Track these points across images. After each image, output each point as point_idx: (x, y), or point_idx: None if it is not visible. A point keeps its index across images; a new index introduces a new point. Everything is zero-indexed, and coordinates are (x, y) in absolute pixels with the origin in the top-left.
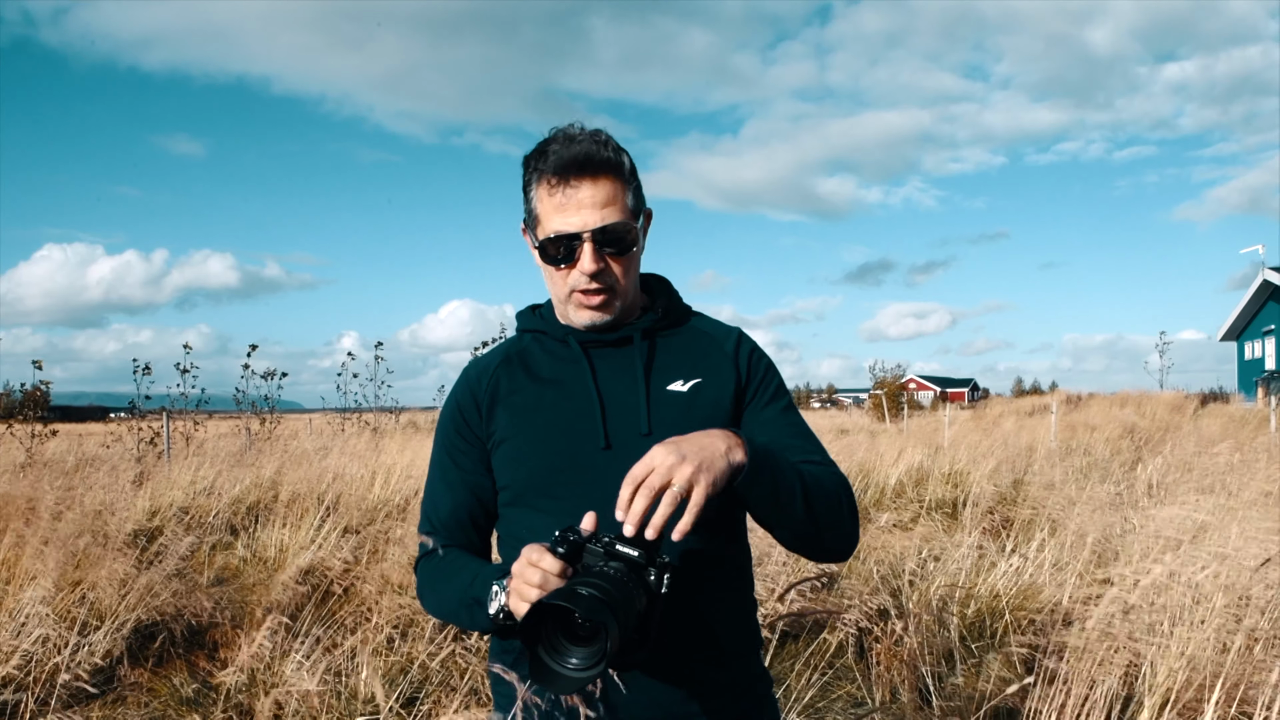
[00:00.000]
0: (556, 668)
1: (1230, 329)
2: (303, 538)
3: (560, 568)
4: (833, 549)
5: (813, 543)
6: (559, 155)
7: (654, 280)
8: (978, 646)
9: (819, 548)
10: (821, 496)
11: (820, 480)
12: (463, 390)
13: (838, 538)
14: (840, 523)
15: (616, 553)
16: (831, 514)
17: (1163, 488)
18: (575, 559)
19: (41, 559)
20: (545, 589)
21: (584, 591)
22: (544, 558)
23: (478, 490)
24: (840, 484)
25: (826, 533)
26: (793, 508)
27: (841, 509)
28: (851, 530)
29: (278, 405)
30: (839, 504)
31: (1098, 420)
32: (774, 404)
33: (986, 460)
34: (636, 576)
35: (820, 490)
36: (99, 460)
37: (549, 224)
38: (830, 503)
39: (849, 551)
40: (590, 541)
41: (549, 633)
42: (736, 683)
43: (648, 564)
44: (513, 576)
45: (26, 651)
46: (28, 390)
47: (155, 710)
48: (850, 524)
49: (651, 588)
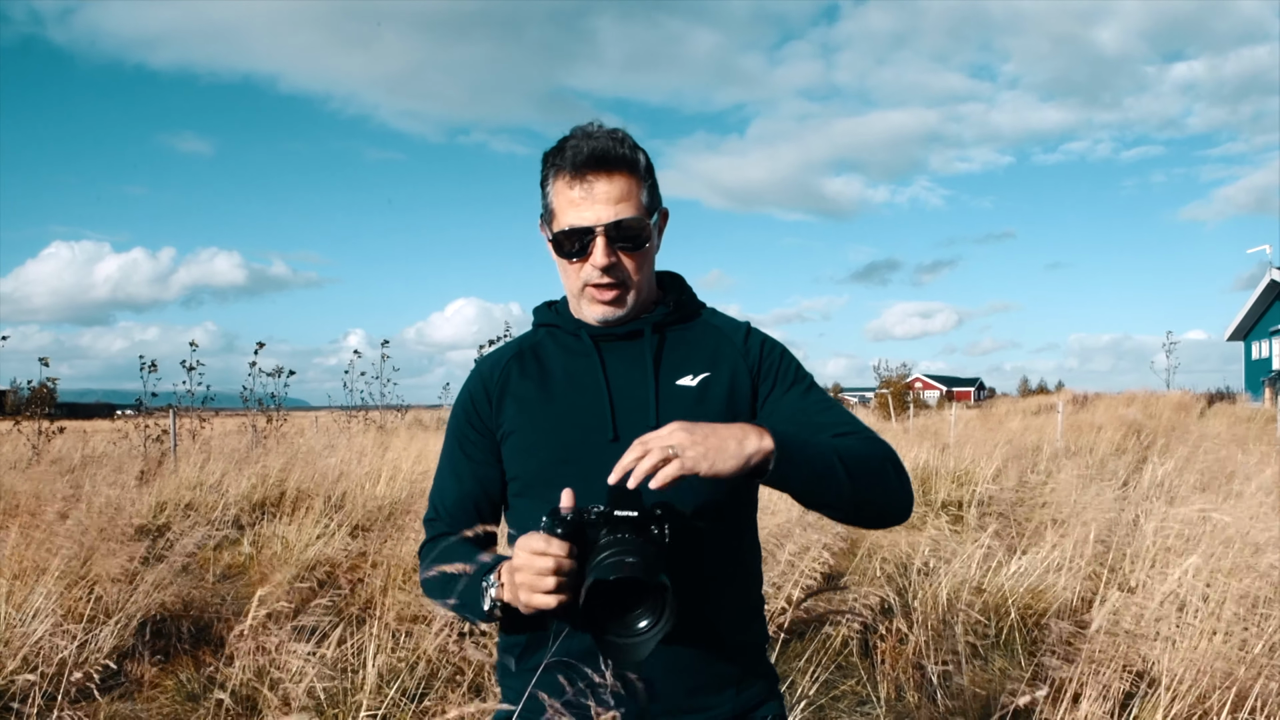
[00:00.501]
0: (627, 640)
1: (1237, 329)
2: (309, 534)
3: (568, 549)
4: (883, 515)
5: (865, 514)
6: (576, 151)
7: (667, 277)
8: (984, 646)
9: (873, 517)
10: (863, 468)
11: (858, 452)
12: (475, 382)
13: (890, 504)
14: (889, 490)
15: (616, 519)
16: (879, 483)
17: (1169, 487)
18: (578, 537)
19: (49, 555)
20: (560, 573)
21: (630, 559)
22: (550, 543)
23: (485, 481)
24: (881, 450)
25: (878, 502)
26: (836, 487)
27: (888, 475)
28: (904, 494)
29: (284, 403)
30: (884, 471)
31: (1104, 420)
32: (795, 387)
33: (993, 459)
34: (644, 534)
35: (861, 463)
36: (105, 457)
37: (564, 218)
38: (874, 472)
39: (905, 514)
40: (585, 516)
41: (603, 614)
42: (742, 678)
43: (647, 521)
44: (515, 570)
45: (34, 647)
46: (34, 387)
47: (162, 705)
48: (901, 489)
49: (656, 540)
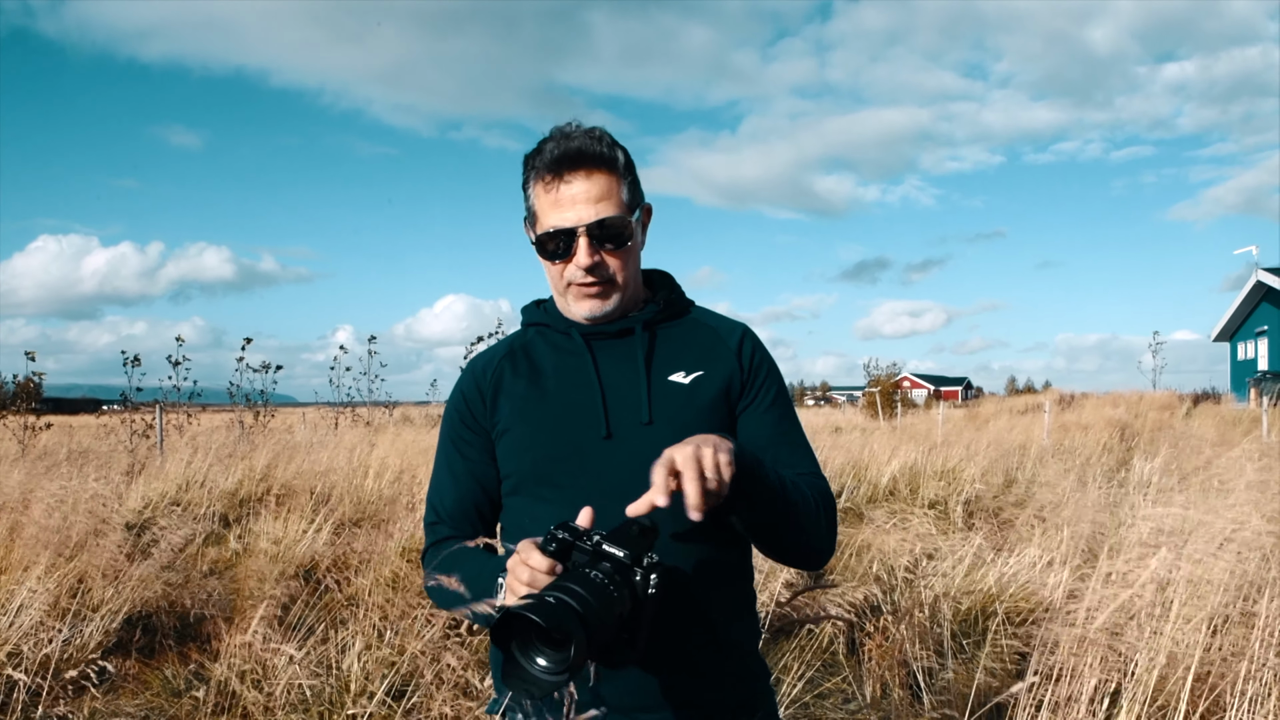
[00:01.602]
0: (527, 667)
1: (1223, 330)
2: (295, 530)
3: (548, 565)
4: (805, 557)
5: (786, 551)
6: (554, 152)
7: (656, 275)
8: (969, 643)
9: (791, 555)
10: (801, 507)
11: (802, 491)
12: (468, 382)
13: (811, 549)
14: (816, 535)
15: (603, 553)
16: (808, 525)
17: (1153, 485)
18: (564, 557)
19: (34, 550)
20: (534, 586)
21: (551, 600)
22: (532, 555)
23: (483, 480)
24: (822, 497)
25: (800, 542)
26: (771, 515)
27: (819, 522)
28: (826, 543)
29: (271, 399)
30: (817, 517)
31: (1090, 419)
32: (772, 410)
33: (979, 459)
34: (622, 578)
35: (801, 501)
36: (92, 452)
37: (545, 220)
38: (809, 515)
39: (820, 563)
40: (580, 540)
41: (522, 635)
42: (735, 674)
43: (633, 564)
44: (507, 572)
45: (19, 642)
46: (20, 382)
47: (147, 701)
48: (826, 537)
49: (638, 589)
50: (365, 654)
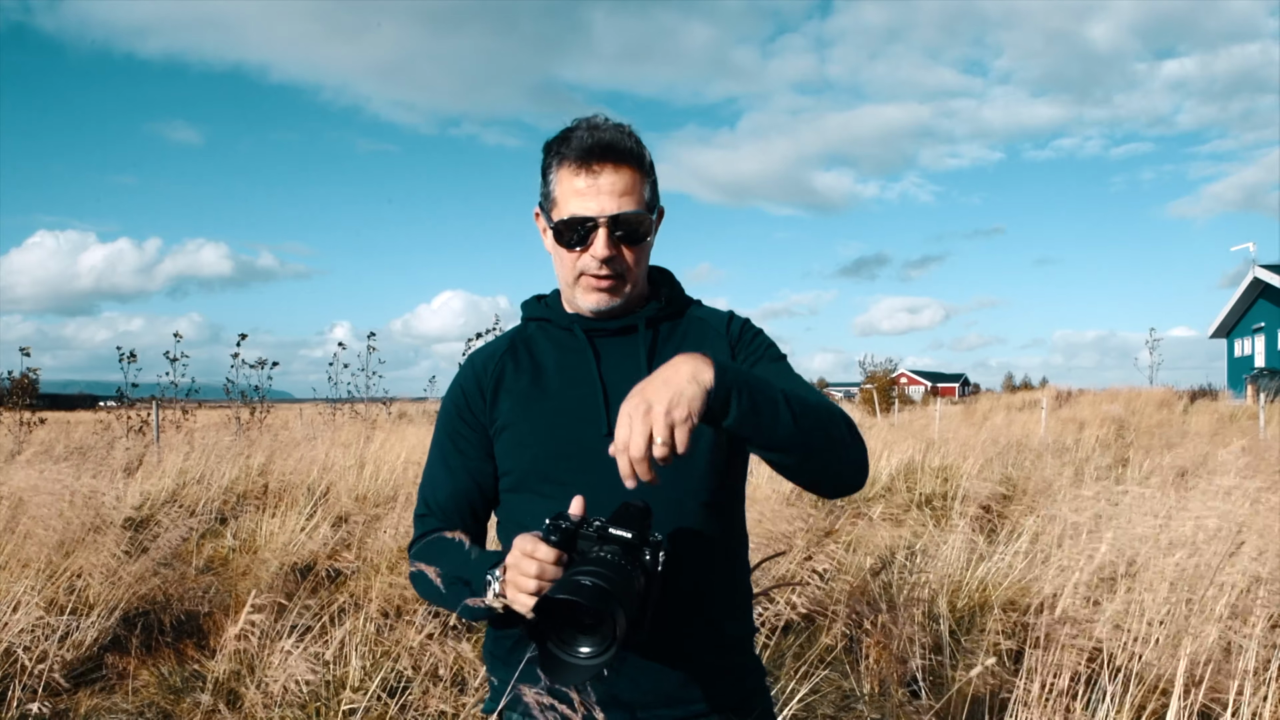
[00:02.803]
0: (568, 659)
1: (1220, 326)
2: (292, 526)
3: (555, 556)
4: (843, 471)
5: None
6: (583, 141)
7: (656, 272)
8: (966, 639)
9: (827, 472)
10: (811, 416)
11: (807, 402)
12: (467, 376)
13: (842, 457)
14: (838, 440)
15: (610, 536)
16: (827, 434)
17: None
18: (569, 546)
19: (29, 546)
20: (543, 579)
21: (587, 582)
22: (538, 548)
23: (478, 476)
24: (833, 410)
25: (826, 452)
26: (778, 424)
27: (839, 429)
28: (855, 450)
29: (268, 395)
30: (834, 423)
31: (1087, 416)
32: (764, 360)
33: (976, 455)
34: (632, 557)
35: (809, 410)
36: (88, 448)
37: (566, 206)
38: (823, 422)
39: (859, 473)
40: (582, 527)
41: (556, 625)
42: (732, 669)
43: (641, 544)
44: (508, 568)
45: (14, 639)
46: (16, 378)
47: (144, 698)
48: (852, 444)
49: (647, 566)
50: (363, 649)
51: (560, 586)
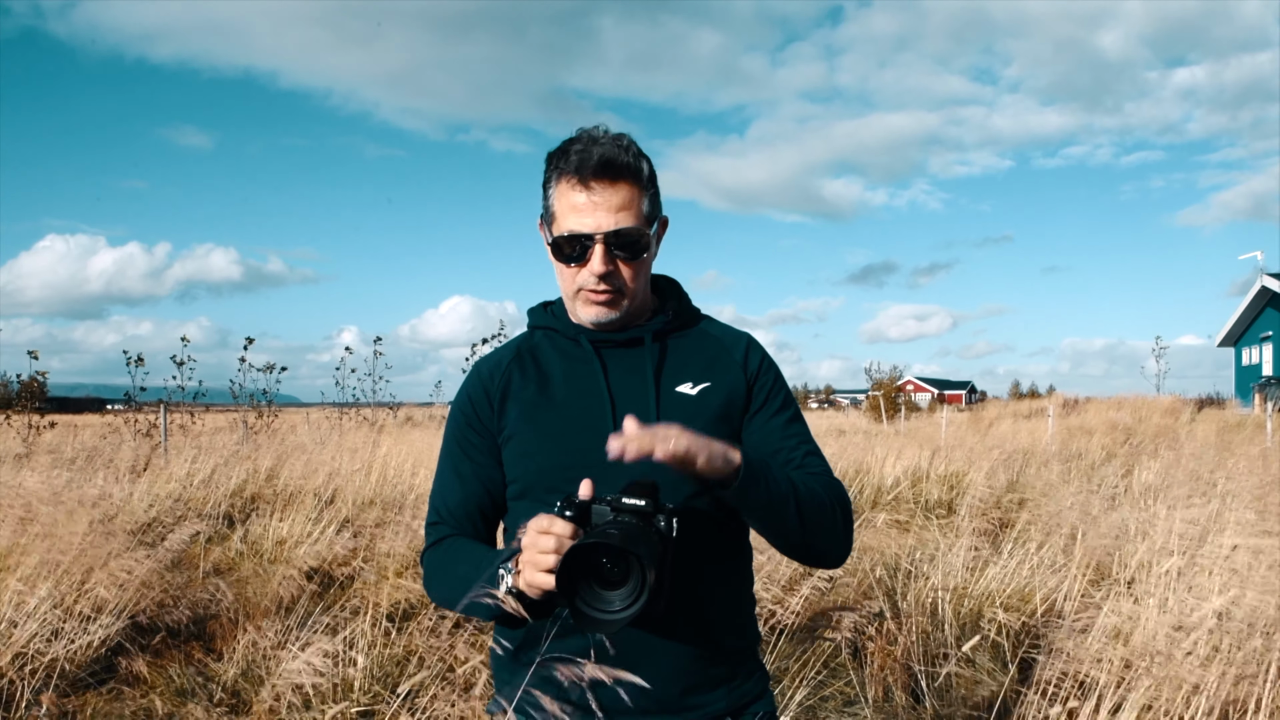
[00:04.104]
0: (600, 614)
1: (1228, 335)
2: (299, 530)
3: (572, 530)
4: (824, 556)
5: (804, 550)
6: (580, 156)
7: (664, 281)
8: (972, 647)
9: (810, 554)
10: (815, 506)
11: (814, 491)
12: (475, 384)
13: (829, 546)
14: (833, 532)
15: (623, 506)
16: (824, 523)
17: (1156, 490)
18: (584, 520)
19: (38, 549)
20: (561, 553)
21: (612, 531)
22: (555, 523)
23: (488, 483)
24: (836, 494)
25: (818, 541)
26: (785, 516)
27: (835, 519)
28: (844, 540)
29: (275, 399)
30: (833, 514)
31: (1094, 424)
32: (780, 414)
33: (983, 462)
34: (647, 523)
35: (814, 500)
36: (96, 451)
37: (564, 222)
38: (824, 513)
39: (841, 559)
40: (595, 502)
41: (583, 585)
42: (735, 675)
43: (655, 511)
44: (523, 550)
45: (24, 642)
46: (24, 381)
47: (152, 701)
48: (843, 534)
49: (663, 532)
50: (372, 652)
51: (586, 538)
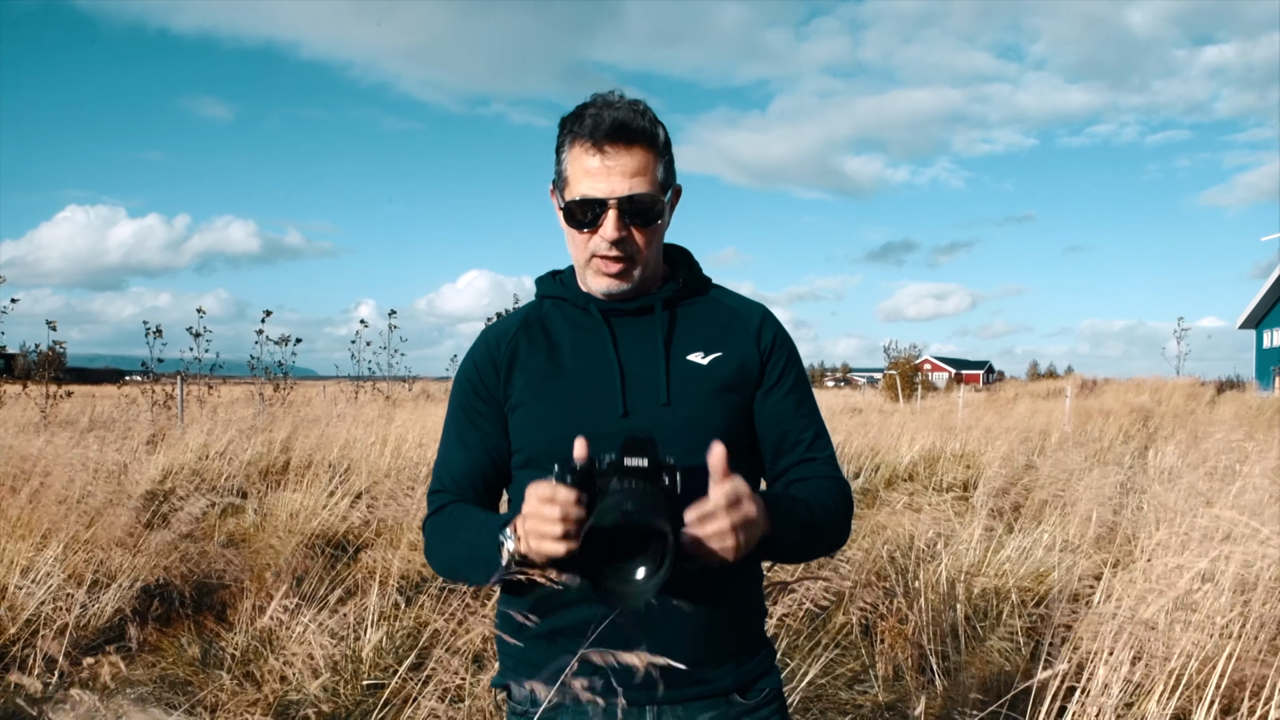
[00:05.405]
0: (624, 589)
1: (1250, 317)
2: (313, 502)
3: (575, 496)
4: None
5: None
6: (595, 120)
7: (674, 251)
8: (983, 626)
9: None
10: (825, 525)
11: (827, 507)
12: (481, 353)
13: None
14: (838, 534)
15: (625, 468)
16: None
17: (1174, 473)
18: (586, 485)
19: (53, 518)
20: (568, 521)
21: (629, 505)
22: (557, 491)
23: (494, 452)
24: (843, 499)
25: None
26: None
27: (842, 524)
28: (846, 534)
29: (292, 371)
30: (840, 525)
31: (1112, 405)
32: (791, 395)
33: (999, 443)
34: (654, 482)
35: (825, 519)
36: (113, 422)
37: (577, 187)
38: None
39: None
40: (595, 466)
41: (603, 559)
42: (743, 650)
43: (658, 469)
44: (525, 518)
45: (38, 609)
46: (43, 351)
47: (163, 669)
48: (846, 530)
49: (668, 490)
50: (383, 623)
51: (603, 515)
